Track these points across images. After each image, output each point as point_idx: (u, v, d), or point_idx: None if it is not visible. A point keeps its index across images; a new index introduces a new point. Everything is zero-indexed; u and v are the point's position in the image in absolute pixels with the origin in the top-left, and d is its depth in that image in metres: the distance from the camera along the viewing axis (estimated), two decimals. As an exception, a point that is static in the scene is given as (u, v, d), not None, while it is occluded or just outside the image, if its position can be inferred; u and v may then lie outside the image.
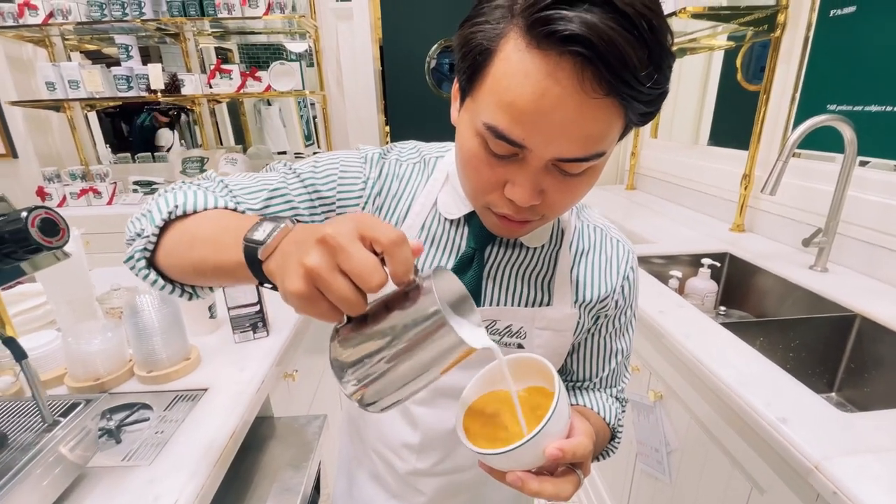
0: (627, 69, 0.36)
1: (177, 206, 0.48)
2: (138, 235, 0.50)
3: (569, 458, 0.40)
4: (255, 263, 0.38)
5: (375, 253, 0.33)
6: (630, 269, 0.62)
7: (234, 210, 0.50)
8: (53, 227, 0.55)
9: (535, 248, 0.58)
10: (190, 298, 0.53)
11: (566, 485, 0.43)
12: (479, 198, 0.48)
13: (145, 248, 0.48)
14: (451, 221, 0.57)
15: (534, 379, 0.47)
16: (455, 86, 0.49)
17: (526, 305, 0.58)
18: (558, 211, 0.48)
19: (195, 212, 0.48)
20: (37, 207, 0.54)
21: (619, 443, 0.68)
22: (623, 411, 0.69)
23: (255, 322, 1.00)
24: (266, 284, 0.39)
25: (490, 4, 0.41)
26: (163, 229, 0.48)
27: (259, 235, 0.38)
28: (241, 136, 3.09)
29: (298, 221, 0.55)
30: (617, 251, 0.61)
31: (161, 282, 0.50)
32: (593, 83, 0.37)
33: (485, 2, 0.41)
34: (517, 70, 0.38)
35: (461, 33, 0.43)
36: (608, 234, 0.62)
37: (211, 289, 0.53)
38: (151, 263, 0.49)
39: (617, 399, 0.69)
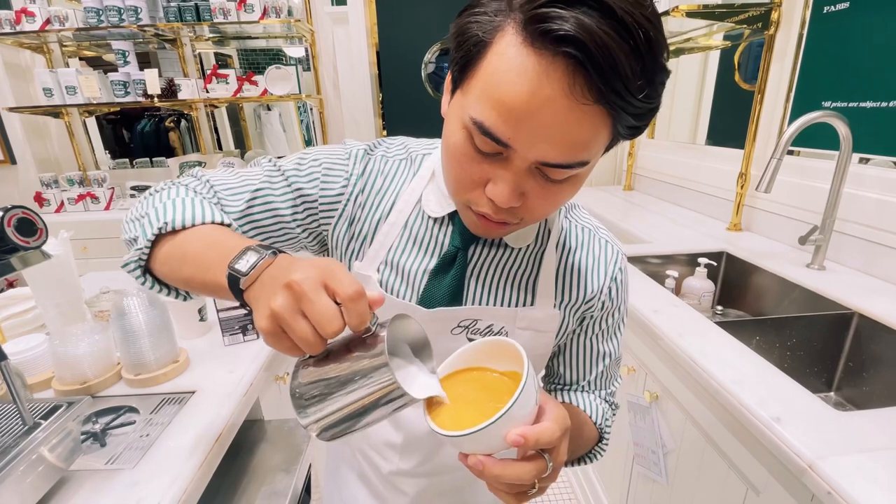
0: (619, 78, 0.35)
1: (166, 223, 0.49)
2: (134, 240, 0.52)
3: (531, 445, 0.39)
4: (236, 291, 0.40)
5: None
6: (619, 269, 0.60)
7: (222, 223, 0.50)
8: (30, 228, 0.54)
9: (521, 249, 0.57)
10: (185, 300, 0.55)
11: (528, 467, 0.40)
12: (460, 194, 0.47)
13: (140, 259, 0.50)
14: (436, 220, 0.56)
15: (510, 363, 0.45)
16: (448, 77, 0.48)
17: (508, 306, 0.57)
18: (537, 216, 0.47)
19: (184, 227, 0.49)
20: (13, 207, 0.54)
21: (606, 444, 0.66)
22: (613, 414, 0.68)
23: (245, 324, 0.99)
24: (246, 307, 0.42)
25: None
26: (155, 240, 0.50)
27: (242, 266, 0.40)
28: (241, 142, 3.10)
29: (280, 230, 0.56)
30: (605, 251, 0.60)
31: (158, 286, 0.52)
32: (583, 88, 0.36)
33: None
34: (510, 66, 0.37)
35: (458, 22, 0.42)
36: (597, 235, 0.61)
37: None
38: (147, 269, 0.52)
39: (606, 401, 0.67)
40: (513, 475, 0.40)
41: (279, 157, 0.60)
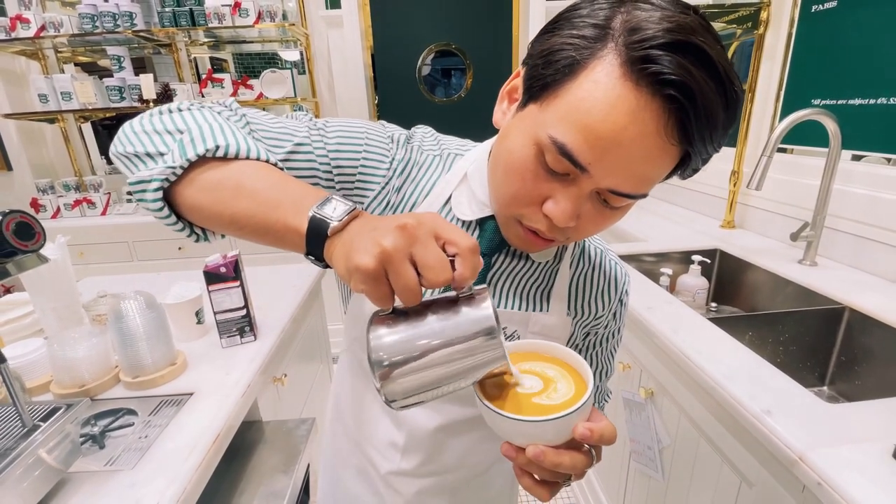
0: (709, 126, 0.38)
1: (218, 147, 0.43)
2: (148, 156, 0.45)
3: (596, 440, 0.40)
4: (317, 237, 0.38)
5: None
6: (625, 292, 0.63)
7: (276, 165, 0.46)
8: (28, 231, 0.55)
9: (540, 262, 0.58)
10: (197, 240, 0.49)
11: (583, 458, 0.41)
12: (513, 208, 0.47)
13: (167, 179, 0.43)
14: (463, 223, 0.56)
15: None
16: (506, 88, 0.48)
17: (522, 311, 0.58)
18: (582, 237, 0.49)
19: (237, 156, 0.44)
20: (12, 212, 0.54)
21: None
22: None
23: (243, 326, 1.00)
24: (310, 257, 0.40)
25: (582, 20, 0.40)
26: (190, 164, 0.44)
27: (331, 212, 0.38)
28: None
29: (318, 186, 0.53)
30: (615, 273, 0.62)
31: (173, 217, 0.46)
32: (673, 130, 0.38)
33: (575, 17, 0.41)
34: (604, 96, 0.38)
35: (547, 39, 0.42)
36: (607, 256, 0.63)
37: (223, 235, 0.50)
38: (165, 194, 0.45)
39: None
40: (569, 463, 0.40)
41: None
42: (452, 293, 0.38)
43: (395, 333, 0.37)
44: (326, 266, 0.40)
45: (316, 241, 0.39)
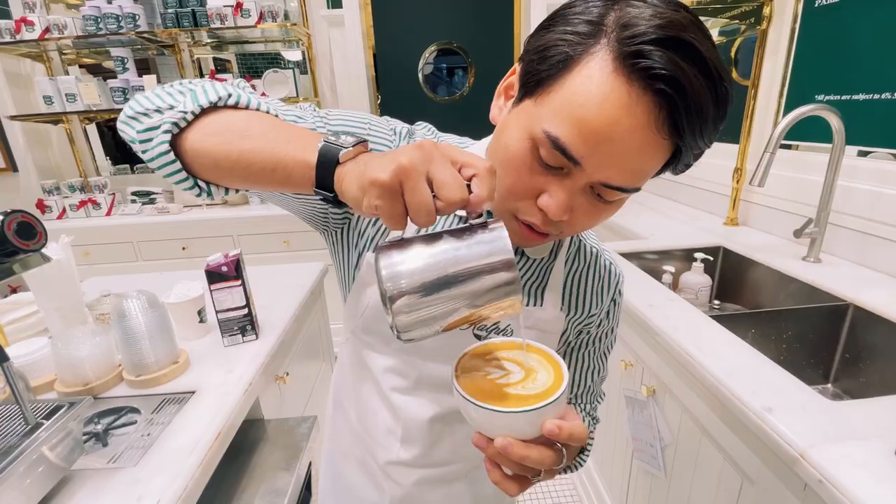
0: (699, 121, 0.39)
1: (230, 95, 0.45)
2: (158, 111, 0.45)
3: (564, 437, 0.40)
4: (328, 165, 0.38)
5: None
6: (618, 292, 0.63)
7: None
8: (30, 231, 0.56)
9: (534, 259, 0.58)
10: (199, 194, 0.48)
11: (551, 453, 0.41)
12: (509, 202, 0.47)
13: (176, 124, 0.43)
14: (460, 219, 0.56)
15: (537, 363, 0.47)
16: (503, 84, 0.49)
17: None
18: (576, 231, 0.49)
19: (247, 107, 0.46)
20: (13, 211, 0.55)
21: (587, 456, 0.67)
22: (594, 429, 0.70)
23: (244, 325, 1.00)
24: (318, 189, 0.39)
25: (576, 17, 0.41)
26: (197, 115, 0.44)
27: (342, 141, 0.39)
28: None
29: None
30: (609, 272, 0.62)
31: (178, 164, 0.45)
32: (665, 124, 0.39)
33: (569, 14, 0.42)
34: (597, 91, 0.39)
35: (543, 36, 0.43)
36: (602, 255, 0.63)
37: (227, 191, 0.49)
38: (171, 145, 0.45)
39: (590, 415, 0.70)
40: (537, 458, 0.40)
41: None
42: (465, 224, 0.38)
43: (408, 261, 0.36)
44: (335, 200, 0.40)
45: (326, 169, 0.39)
